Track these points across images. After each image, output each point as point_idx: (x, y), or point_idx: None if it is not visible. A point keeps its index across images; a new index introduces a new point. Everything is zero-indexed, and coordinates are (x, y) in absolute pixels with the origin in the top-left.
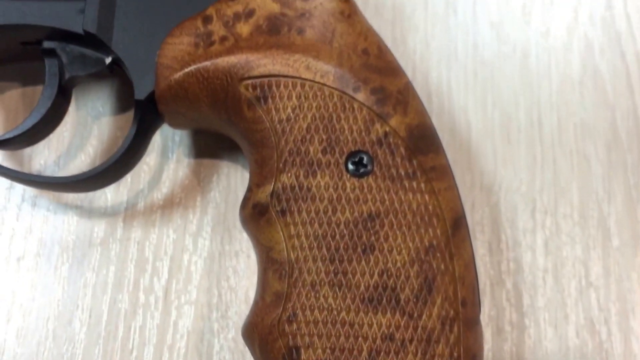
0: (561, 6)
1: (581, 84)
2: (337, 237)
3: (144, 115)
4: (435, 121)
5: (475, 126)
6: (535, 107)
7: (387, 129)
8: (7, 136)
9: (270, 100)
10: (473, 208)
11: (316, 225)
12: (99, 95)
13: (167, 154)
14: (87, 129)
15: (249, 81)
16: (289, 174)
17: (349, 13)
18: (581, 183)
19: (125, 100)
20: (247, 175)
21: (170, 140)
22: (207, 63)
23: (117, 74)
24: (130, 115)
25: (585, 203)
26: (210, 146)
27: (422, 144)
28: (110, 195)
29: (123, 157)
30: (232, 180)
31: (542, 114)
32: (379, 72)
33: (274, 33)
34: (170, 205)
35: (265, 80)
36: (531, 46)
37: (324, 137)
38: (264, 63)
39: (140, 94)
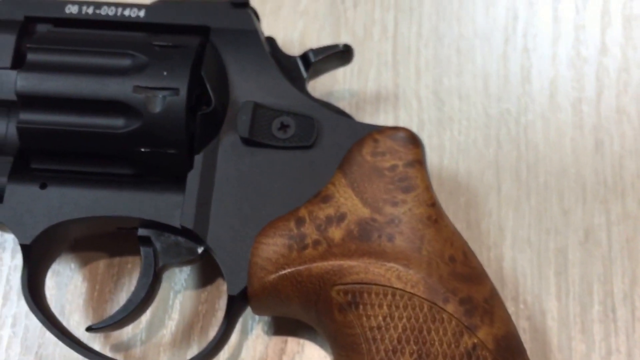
0: None
1: None
2: None
3: (234, 308)
4: (510, 308)
5: (551, 315)
6: (609, 298)
7: (476, 340)
8: (100, 325)
9: (361, 307)
10: None
11: None
12: (182, 269)
13: (247, 330)
14: (168, 303)
15: (341, 287)
16: None
17: (436, 218)
18: None
19: (208, 275)
20: (326, 353)
21: (250, 317)
22: (302, 268)
23: (205, 258)
24: (211, 289)
25: None
26: (290, 324)
27: (509, 354)
28: None
29: (214, 349)
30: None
31: (616, 304)
32: (466, 280)
33: (365, 239)
34: None
35: (357, 287)
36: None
37: (415, 348)
38: (356, 271)
39: (233, 289)
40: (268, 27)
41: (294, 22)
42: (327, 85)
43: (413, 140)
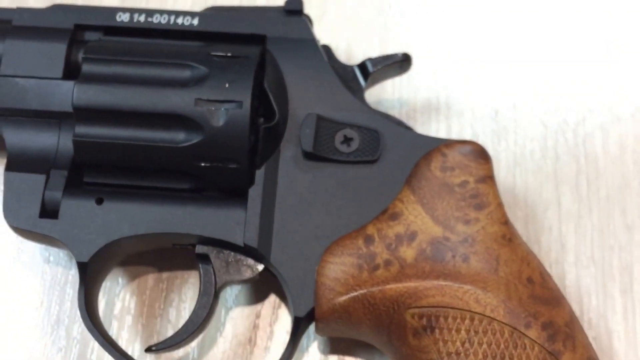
0: None
1: None
2: None
3: (300, 329)
4: None
5: (617, 335)
6: None
7: None
8: (161, 347)
9: (437, 331)
10: None
11: None
12: (232, 287)
13: (302, 348)
14: (220, 320)
15: (416, 310)
16: None
17: (510, 237)
18: None
19: (261, 290)
20: None
21: (305, 335)
22: (374, 289)
23: (263, 276)
24: (265, 306)
25: None
26: (347, 343)
27: None
28: None
29: None
30: None
31: None
32: (546, 303)
33: (439, 259)
34: None
35: (433, 310)
36: None
37: None
38: (432, 294)
39: (300, 311)
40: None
41: (340, 29)
42: (375, 94)
43: (483, 155)
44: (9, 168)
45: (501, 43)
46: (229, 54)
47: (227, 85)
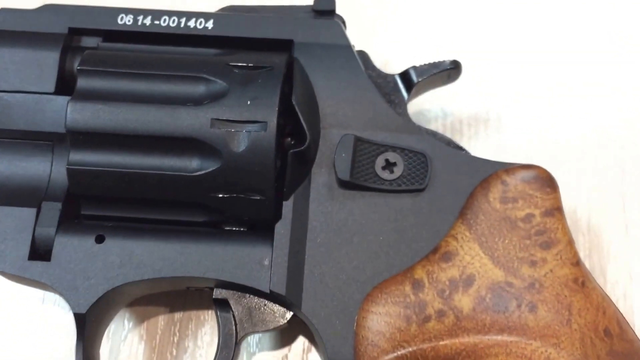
0: None
1: None
2: None
3: None
4: None
5: None
6: None
7: None
8: None
9: None
10: None
11: None
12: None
13: None
14: None
15: None
16: None
17: (583, 280)
18: None
19: (287, 334)
20: None
21: None
22: (425, 346)
23: (293, 323)
24: (293, 351)
25: None
26: None
27: None
28: None
29: None
30: None
31: None
32: (626, 358)
33: (501, 310)
34: None
35: None
36: None
37: None
38: (495, 352)
39: None
40: None
41: (375, 31)
42: (414, 103)
43: (550, 183)
44: None
45: (556, 46)
46: (250, 64)
47: (248, 102)
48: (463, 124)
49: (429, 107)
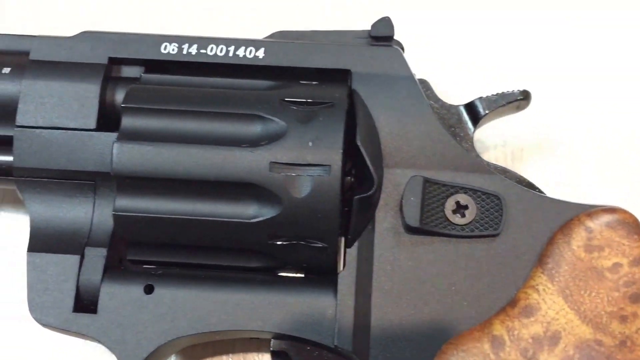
0: None
1: None
2: None
3: None
4: None
5: None
6: None
7: None
8: None
9: None
10: None
11: None
12: None
13: None
14: None
15: None
16: None
17: None
18: None
19: None
20: None
21: None
22: None
23: None
24: None
25: None
26: None
27: None
28: None
29: None
30: None
31: None
32: None
33: None
34: None
35: None
36: None
37: None
38: None
39: None
40: None
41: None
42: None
43: (637, 229)
44: (33, 248)
45: (624, 71)
46: (310, 100)
47: (310, 143)
48: (524, 151)
49: (486, 134)
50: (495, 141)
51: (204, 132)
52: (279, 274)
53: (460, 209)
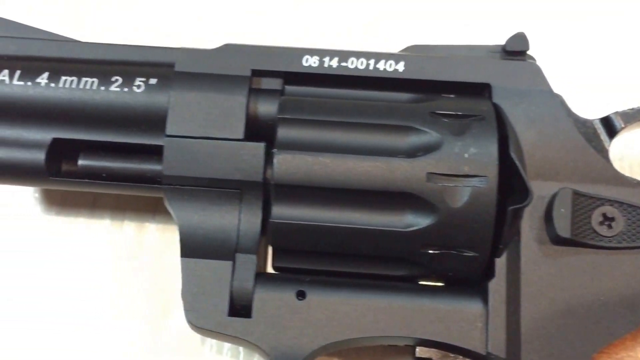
0: None
1: None
2: None
3: None
4: None
5: None
6: None
7: None
8: None
9: None
10: None
11: None
12: None
13: None
14: None
15: None
16: None
17: None
18: None
19: None
20: None
21: None
22: None
23: None
24: None
25: None
26: None
27: None
28: None
29: None
30: None
31: None
32: None
33: None
34: None
35: None
36: None
37: None
38: None
39: None
40: None
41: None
42: None
43: None
44: (186, 253)
45: None
46: (459, 113)
47: (466, 155)
48: None
49: None
50: (611, 156)
51: (358, 142)
52: (420, 282)
53: (607, 220)
